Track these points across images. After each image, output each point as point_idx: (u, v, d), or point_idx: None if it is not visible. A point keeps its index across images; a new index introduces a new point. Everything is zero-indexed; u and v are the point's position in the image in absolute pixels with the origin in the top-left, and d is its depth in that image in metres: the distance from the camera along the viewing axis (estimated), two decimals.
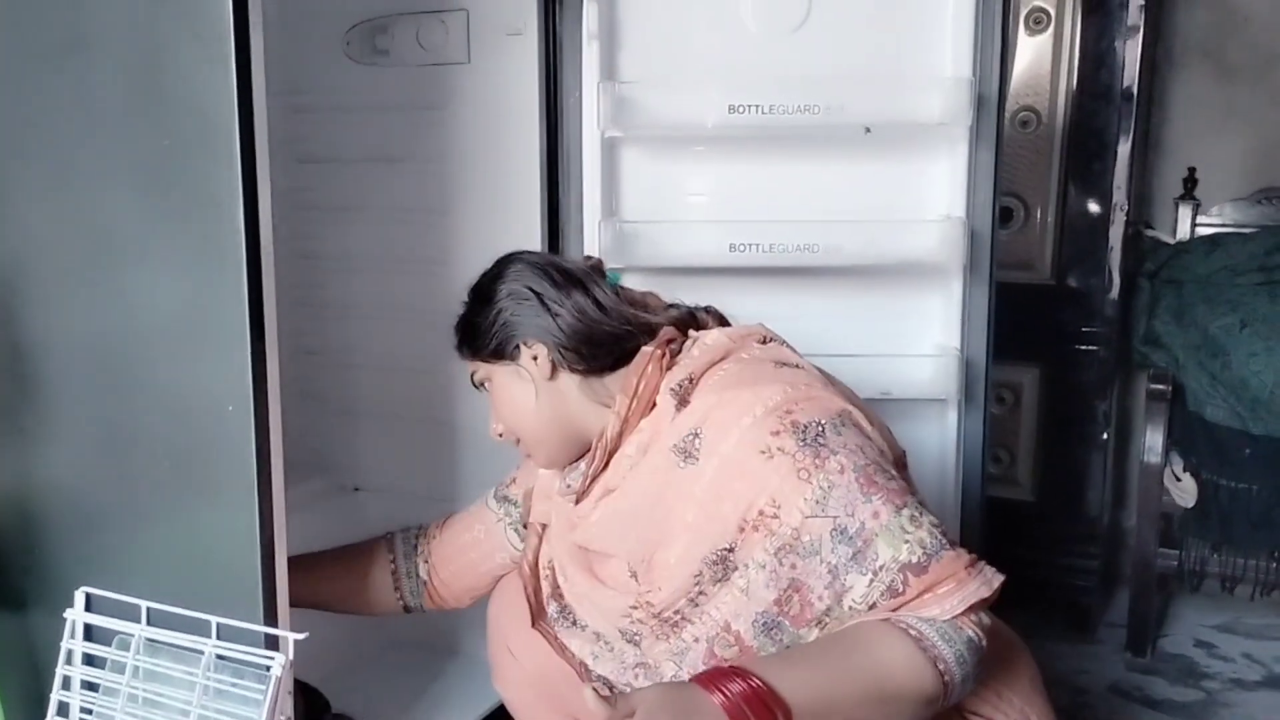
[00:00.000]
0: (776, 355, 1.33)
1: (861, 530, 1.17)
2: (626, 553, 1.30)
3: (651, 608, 1.27)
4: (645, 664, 1.32)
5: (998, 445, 2.61)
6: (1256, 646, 2.45)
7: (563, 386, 1.34)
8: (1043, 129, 2.51)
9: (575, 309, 1.32)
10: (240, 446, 1.24)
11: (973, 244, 1.76)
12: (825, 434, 1.20)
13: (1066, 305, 2.51)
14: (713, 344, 1.32)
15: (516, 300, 1.33)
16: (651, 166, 1.84)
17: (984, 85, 1.74)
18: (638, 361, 1.31)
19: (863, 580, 1.17)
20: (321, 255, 2.07)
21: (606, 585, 1.34)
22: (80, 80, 1.29)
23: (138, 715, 1.30)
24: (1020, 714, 1.29)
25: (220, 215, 1.21)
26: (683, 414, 1.26)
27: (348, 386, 2.09)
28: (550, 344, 1.32)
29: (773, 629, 1.22)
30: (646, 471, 1.27)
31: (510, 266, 1.37)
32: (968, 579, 1.16)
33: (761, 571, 1.20)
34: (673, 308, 1.40)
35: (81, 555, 1.39)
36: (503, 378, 1.36)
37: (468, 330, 1.38)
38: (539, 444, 1.38)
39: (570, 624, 1.39)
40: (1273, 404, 2.35)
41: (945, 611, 1.15)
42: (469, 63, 1.87)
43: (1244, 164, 2.68)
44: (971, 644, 1.15)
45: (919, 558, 1.16)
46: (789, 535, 1.18)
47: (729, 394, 1.24)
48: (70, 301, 1.36)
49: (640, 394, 1.29)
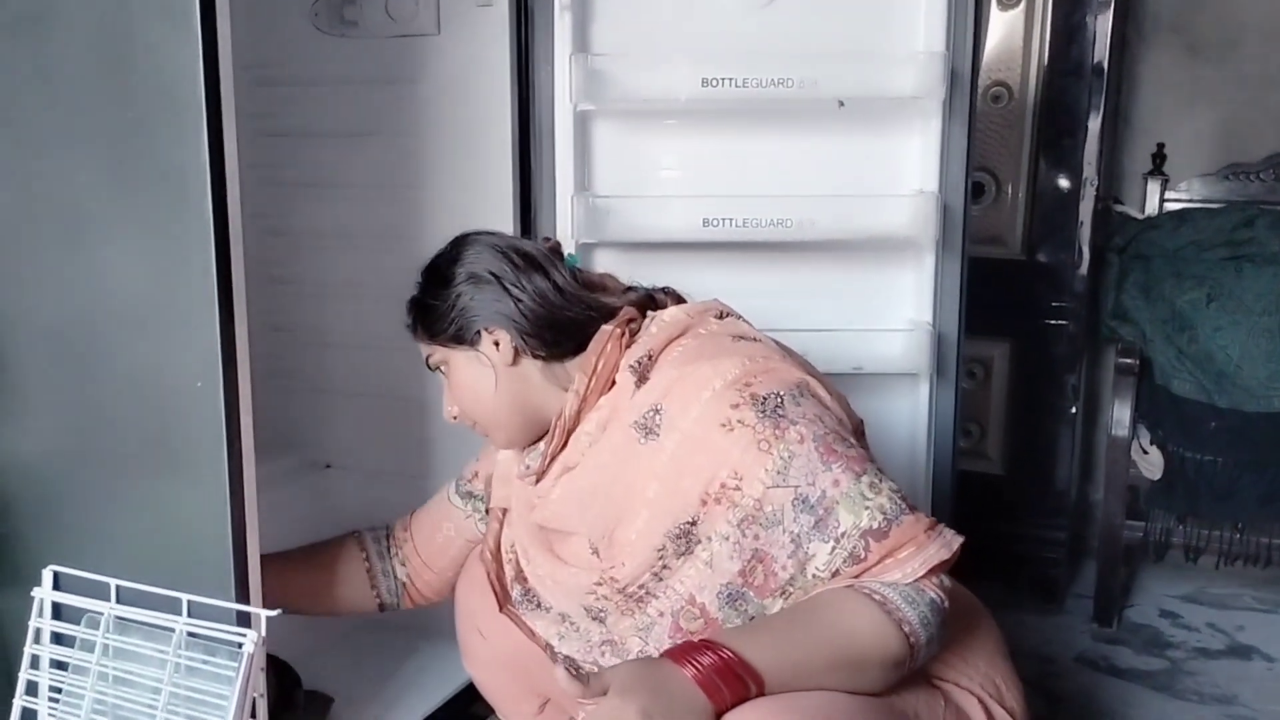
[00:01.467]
0: (733, 329, 1.33)
1: (823, 499, 1.17)
2: (587, 529, 1.30)
3: (615, 583, 1.27)
4: (611, 641, 1.32)
5: (968, 419, 2.62)
6: (1220, 616, 2.49)
7: (524, 372, 1.33)
8: (1014, 104, 2.51)
9: (536, 293, 1.31)
10: (210, 423, 1.24)
11: (945, 219, 1.77)
12: (784, 405, 1.21)
13: (1037, 280, 2.53)
14: (670, 320, 1.32)
15: (476, 284, 1.32)
16: (624, 140, 1.83)
17: (957, 60, 1.74)
18: (597, 340, 1.31)
19: (825, 548, 1.18)
20: (291, 231, 2.05)
21: (569, 564, 1.35)
22: (42, 53, 1.26)
23: (108, 693, 1.29)
24: (984, 677, 1.30)
25: (187, 190, 1.19)
26: (642, 390, 1.26)
27: (318, 364, 2.07)
28: (512, 330, 1.31)
29: (737, 600, 1.23)
30: (606, 448, 1.28)
31: (468, 248, 1.35)
32: (927, 542, 1.17)
33: (725, 543, 1.21)
34: (631, 290, 1.40)
35: (49, 534, 1.38)
36: (461, 363, 1.35)
37: (423, 312, 1.37)
38: (498, 427, 1.38)
39: (535, 606, 1.40)
40: (1238, 377, 2.38)
41: (907, 575, 1.16)
42: (439, 34, 1.84)
43: (1212, 140, 2.69)
44: (934, 605, 1.16)
45: (879, 523, 1.16)
46: (751, 506, 1.19)
47: (689, 369, 1.25)
48: (35, 278, 1.34)
49: (599, 372, 1.29)
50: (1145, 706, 2.10)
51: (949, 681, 1.27)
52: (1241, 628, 2.43)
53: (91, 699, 1.30)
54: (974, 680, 1.29)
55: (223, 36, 1.17)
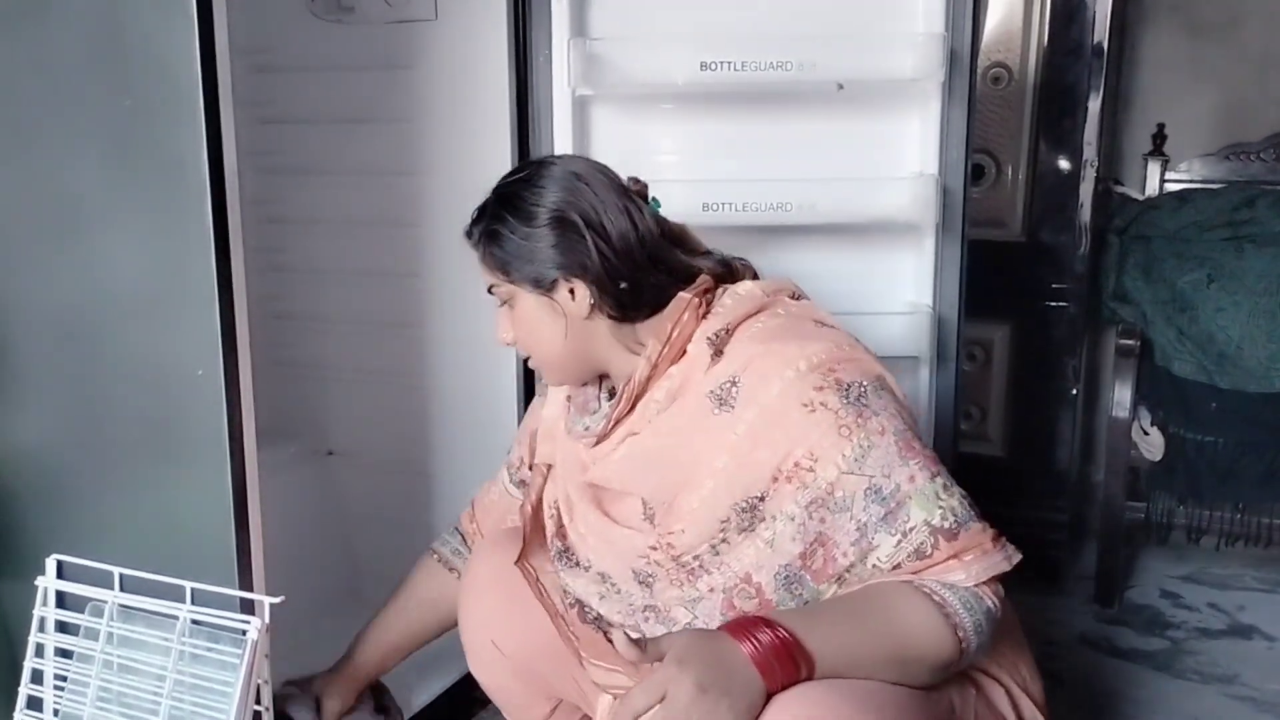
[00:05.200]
0: (813, 313, 1.31)
1: (896, 492, 1.17)
2: (649, 492, 1.28)
3: (672, 550, 1.26)
4: (654, 607, 1.30)
5: (969, 402, 2.62)
6: (1221, 596, 2.50)
7: (594, 326, 1.29)
8: (1014, 85, 2.50)
9: (622, 246, 1.26)
10: (211, 411, 1.24)
11: (945, 201, 1.76)
12: (867, 395, 1.20)
13: (1037, 262, 2.52)
14: (746, 295, 1.30)
15: (561, 229, 1.25)
16: (623, 126, 1.82)
17: (956, 41, 1.73)
18: (674, 307, 1.27)
19: (890, 540, 1.17)
20: (290, 218, 2.05)
21: (620, 524, 1.32)
22: (39, 43, 1.26)
23: (113, 681, 1.30)
24: (1012, 666, 1.31)
25: (185, 178, 1.19)
26: (719, 363, 1.24)
27: (319, 350, 2.08)
28: (592, 287, 1.26)
29: (794, 583, 1.22)
30: (678, 414, 1.25)
31: (552, 180, 1.28)
32: (993, 550, 1.18)
33: (790, 524, 1.20)
34: (708, 253, 1.36)
35: (52, 522, 1.38)
36: (531, 304, 1.29)
37: (495, 243, 1.29)
38: (554, 369, 1.35)
39: (573, 564, 1.38)
40: (1239, 358, 2.38)
41: (969, 578, 1.16)
42: (436, 20, 1.84)
43: (1212, 120, 2.69)
44: (989, 614, 1.17)
45: (950, 524, 1.17)
46: (822, 489, 1.18)
47: (774, 345, 1.23)
48: (35, 268, 1.34)
49: (674, 340, 1.26)
50: (1147, 686, 2.11)
51: (979, 670, 1.27)
52: (1242, 608, 2.44)
53: (96, 686, 1.30)
54: (1002, 669, 1.29)
55: (219, 23, 1.17)
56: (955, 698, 1.22)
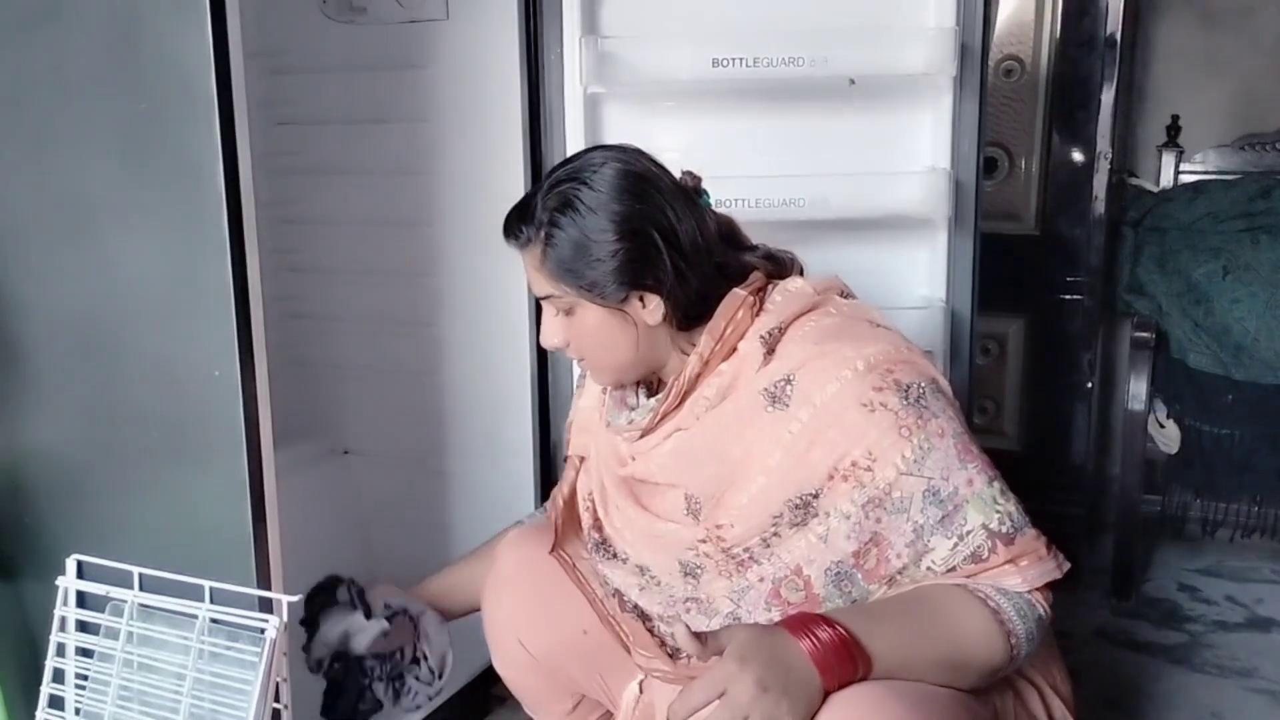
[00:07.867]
0: (865, 314, 1.31)
1: (954, 495, 1.17)
2: (696, 487, 1.28)
3: (723, 542, 1.25)
4: (698, 599, 1.30)
5: (983, 396, 2.62)
6: (1238, 589, 2.49)
7: (659, 333, 1.28)
8: (1026, 78, 2.49)
9: (693, 256, 1.24)
10: (228, 411, 1.25)
11: (958, 195, 1.76)
12: (926, 397, 1.19)
13: (1051, 255, 2.51)
14: (797, 293, 1.29)
15: (636, 242, 1.22)
16: (635, 123, 1.82)
17: (968, 35, 1.73)
18: (728, 305, 1.26)
19: (946, 544, 1.17)
20: (305, 219, 2.06)
21: (662, 518, 1.32)
22: (55, 48, 1.27)
23: (133, 679, 1.31)
24: (1044, 665, 1.30)
25: (201, 180, 1.20)
26: (772, 361, 1.24)
27: (335, 350, 2.09)
28: (666, 298, 1.25)
29: (844, 580, 1.22)
30: (729, 411, 1.25)
31: (618, 186, 1.23)
32: (1048, 557, 1.19)
33: (845, 522, 1.19)
34: (757, 247, 1.35)
35: (71, 523, 1.39)
36: (599, 316, 1.26)
37: (558, 252, 1.23)
38: (611, 372, 1.33)
39: (611, 556, 1.38)
40: (1255, 350, 2.36)
41: (1024, 583, 1.16)
42: (447, 19, 1.85)
43: (1227, 111, 2.67)
44: (1040, 621, 1.17)
45: (1007, 528, 1.17)
46: (880, 489, 1.17)
47: (829, 346, 1.22)
48: (52, 271, 1.35)
49: (726, 338, 1.26)
50: (1164, 680, 2.10)
51: (1016, 673, 1.27)
52: (1260, 600, 2.43)
53: (117, 685, 1.31)
54: (1036, 670, 1.29)
55: (232, 26, 1.17)
56: (997, 700, 1.22)
